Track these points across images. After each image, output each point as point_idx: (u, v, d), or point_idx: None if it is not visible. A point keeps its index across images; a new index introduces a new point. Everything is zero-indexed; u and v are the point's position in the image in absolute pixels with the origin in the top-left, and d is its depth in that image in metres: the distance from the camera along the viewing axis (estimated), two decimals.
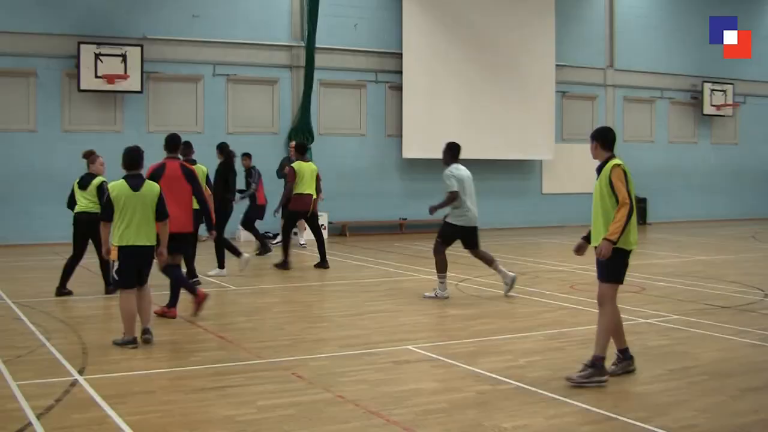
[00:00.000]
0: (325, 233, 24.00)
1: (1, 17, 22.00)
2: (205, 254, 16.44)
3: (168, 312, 11.49)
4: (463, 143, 24.88)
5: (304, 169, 17.09)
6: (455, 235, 13.47)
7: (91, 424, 6.85)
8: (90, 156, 13.54)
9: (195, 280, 14.38)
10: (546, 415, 7.16)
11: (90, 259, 14.19)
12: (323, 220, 24.33)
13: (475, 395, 7.76)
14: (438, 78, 26.70)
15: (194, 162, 13.21)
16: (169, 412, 7.23)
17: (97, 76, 22.27)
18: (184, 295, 11.65)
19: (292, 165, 17.20)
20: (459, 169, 13.36)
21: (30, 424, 6.82)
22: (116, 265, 9.86)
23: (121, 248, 9.69)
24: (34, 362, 8.95)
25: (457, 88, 26.98)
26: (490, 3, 27.52)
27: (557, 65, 28.61)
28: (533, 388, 7.93)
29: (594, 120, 29.86)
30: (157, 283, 13.25)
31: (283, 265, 16.80)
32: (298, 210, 17.05)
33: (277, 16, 25.14)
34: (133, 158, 9.96)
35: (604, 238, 8.01)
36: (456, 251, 14.62)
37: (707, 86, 31.88)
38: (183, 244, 11.78)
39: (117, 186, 9.76)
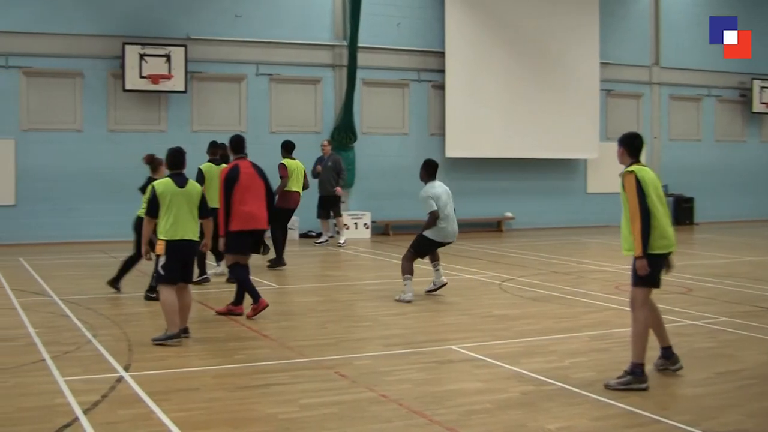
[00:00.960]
0: (368, 232, 24.02)
1: (49, 20, 22.22)
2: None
3: (234, 309, 11.61)
4: (506, 142, 25.10)
5: (293, 166, 17.48)
6: (430, 248, 13.39)
7: (137, 420, 6.90)
8: (153, 161, 13.07)
9: (204, 277, 14.51)
10: (591, 417, 7.10)
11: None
12: (366, 219, 24.37)
13: (518, 396, 7.72)
14: (481, 76, 26.55)
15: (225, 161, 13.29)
16: (213, 409, 7.27)
17: (141, 77, 22.43)
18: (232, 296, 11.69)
19: (284, 161, 17.54)
20: (435, 187, 13.15)
21: (77, 419, 6.88)
22: (161, 260, 9.86)
23: (168, 242, 9.83)
24: (80, 358, 9.04)
25: (501, 87, 26.81)
26: (534, 0, 27.36)
27: (602, 63, 28.33)
28: (578, 390, 7.87)
29: (639, 118, 29.57)
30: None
31: (278, 262, 16.87)
32: (286, 207, 17.19)
33: (319, 16, 25.16)
34: (176, 158, 10.23)
35: (634, 257, 7.98)
36: (498, 251, 14.58)
37: (756, 83, 31.41)
38: (259, 241, 11.88)
39: (163, 183, 10.01)
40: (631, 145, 8.24)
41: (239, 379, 8.28)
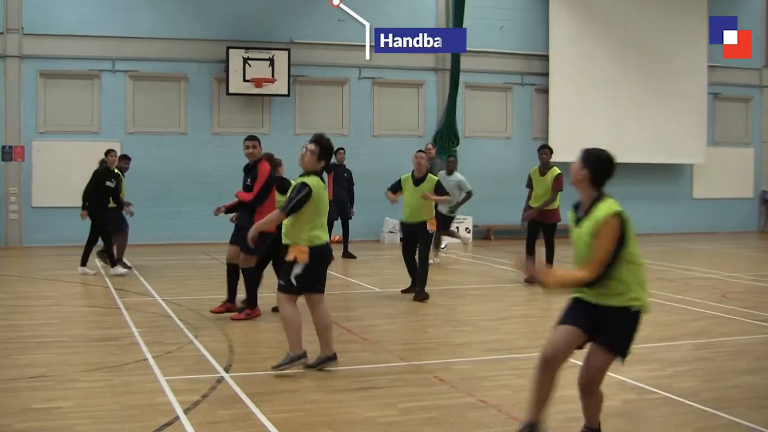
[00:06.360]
0: (469, 236, 23.90)
1: (155, 24, 22.73)
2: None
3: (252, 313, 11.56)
4: (610, 146, 24.68)
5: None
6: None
7: (236, 420, 6.97)
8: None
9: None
10: (695, 428, 6.92)
11: None
12: (468, 223, 24.23)
13: (620, 404, 7.57)
14: (585, 80, 26.29)
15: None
16: (312, 411, 7.30)
17: (245, 80, 22.77)
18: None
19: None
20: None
21: (177, 418, 6.98)
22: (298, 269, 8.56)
23: (312, 249, 8.50)
24: (182, 358, 9.17)
25: (605, 90, 26.50)
26: (639, 2, 26.88)
27: (709, 66, 27.66)
28: (682, 399, 7.69)
29: (749, 123, 28.88)
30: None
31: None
32: None
33: (422, 20, 25.12)
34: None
35: None
36: None
37: None
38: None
39: (315, 181, 8.55)
40: (603, 170, 6.26)
41: (339, 381, 8.29)
